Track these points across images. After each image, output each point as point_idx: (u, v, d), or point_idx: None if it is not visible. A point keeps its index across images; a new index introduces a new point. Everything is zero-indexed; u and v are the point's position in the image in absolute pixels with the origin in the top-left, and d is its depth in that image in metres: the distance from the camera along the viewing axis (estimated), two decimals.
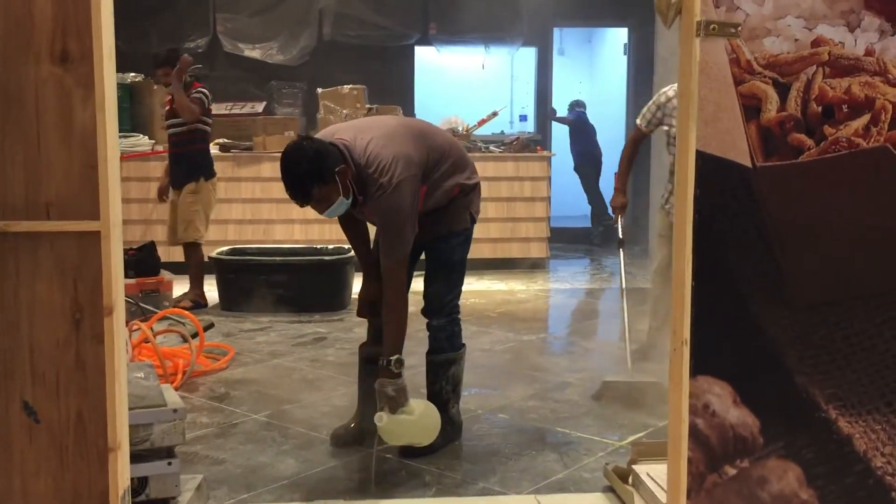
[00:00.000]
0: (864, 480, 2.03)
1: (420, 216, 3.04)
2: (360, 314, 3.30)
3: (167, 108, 5.72)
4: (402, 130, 3.08)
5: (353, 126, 3.14)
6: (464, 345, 3.36)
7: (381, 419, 2.90)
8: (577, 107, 9.76)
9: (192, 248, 5.77)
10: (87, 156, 1.88)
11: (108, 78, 1.87)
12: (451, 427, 3.27)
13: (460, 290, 3.32)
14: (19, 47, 1.85)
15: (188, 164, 5.68)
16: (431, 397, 3.22)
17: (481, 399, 3.88)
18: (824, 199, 1.99)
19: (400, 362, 2.93)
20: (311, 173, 2.85)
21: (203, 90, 5.61)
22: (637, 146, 4.32)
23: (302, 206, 2.96)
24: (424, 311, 3.26)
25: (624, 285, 4.16)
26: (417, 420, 2.98)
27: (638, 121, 4.21)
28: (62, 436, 1.94)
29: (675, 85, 4.17)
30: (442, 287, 3.24)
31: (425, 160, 3.03)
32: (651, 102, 4.21)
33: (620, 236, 4.31)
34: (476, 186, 3.28)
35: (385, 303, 3.02)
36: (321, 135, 3.11)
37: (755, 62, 1.94)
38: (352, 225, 3.26)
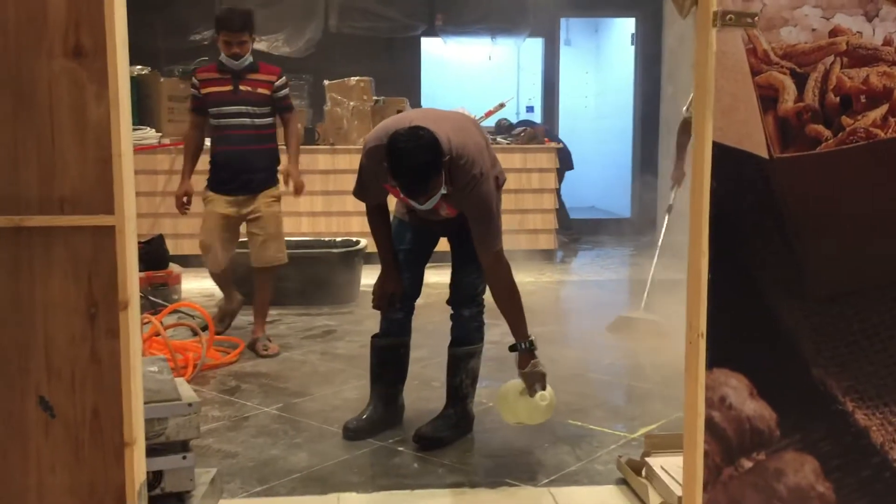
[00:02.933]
0: (881, 473, 2.02)
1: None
2: (375, 306, 3.29)
3: (215, 90, 4.41)
4: (463, 125, 3.07)
5: (421, 118, 2.97)
6: (484, 340, 3.37)
7: (545, 398, 2.97)
8: (528, 112, 9.58)
9: (273, 272, 4.72)
10: (100, 150, 1.88)
11: (122, 72, 1.87)
12: (464, 421, 3.28)
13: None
14: (33, 42, 1.85)
15: (271, 163, 4.54)
16: (451, 391, 3.24)
17: (492, 391, 3.87)
18: (842, 190, 1.97)
19: (534, 343, 3.03)
20: (433, 164, 2.77)
21: None
22: (686, 131, 4.84)
23: (416, 198, 2.85)
24: (453, 301, 3.27)
25: (660, 242, 5.05)
26: (551, 398, 3.01)
27: (685, 113, 4.92)
28: (78, 431, 1.94)
29: None
30: (473, 278, 3.24)
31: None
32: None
33: (671, 202, 5.14)
34: (503, 183, 3.27)
35: (501, 295, 3.04)
36: (378, 131, 3.01)
37: (772, 52, 1.93)
38: (382, 216, 3.23)
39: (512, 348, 3.07)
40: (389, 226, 3.28)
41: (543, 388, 2.99)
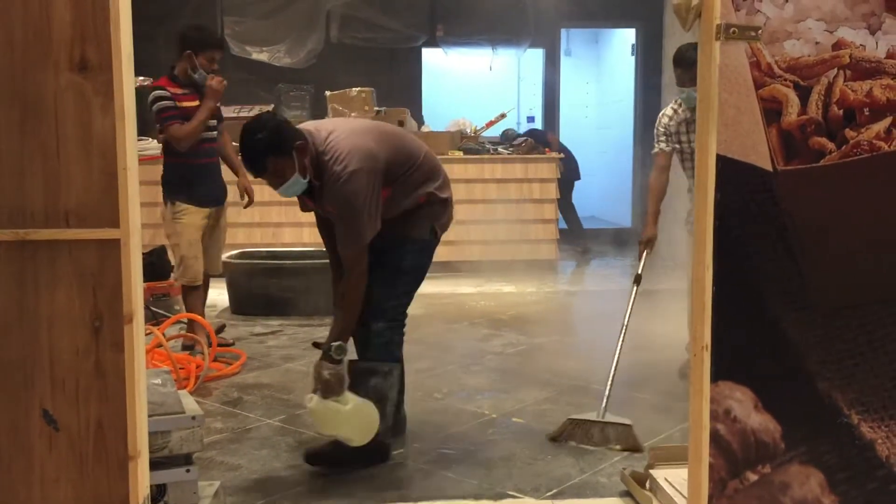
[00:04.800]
0: (887, 485, 2.02)
1: (383, 221, 3.04)
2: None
3: (189, 105, 4.47)
4: (367, 129, 3.13)
5: (320, 122, 3.21)
6: (399, 361, 3.20)
7: (311, 400, 2.94)
8: (529, 122, 9.58)
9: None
10: (106, 164, 1.88)
11: (127, 85, 1.87)
12: (373, 446, 3.06)
13: (407, 301, 3.24)
14: (38, 56, 1.85)
15: (220, 176, 4.72)
16: None
17: (494, 403, 3.87)
18: (846, 202, 1.98)
19: (341, 349, 2.97)
20: (268, 143, 2.90)
21: None
22: (665, 171, 4.14)
23: (256, 176, 3.02)
24: (364, 314, 3.13)
25: (626, 321, 3.71)
26: (348, 413, 2.96)
27: (655, 148, 4.16)
28: (82, 443, 1.94)
29: (669, 106, 4.19)
30: (384, 291, 3.14)
31: (388, 159, 3.03)
32: (657, 126, 4.19)
33: (639, 272, 3.93)
34: (446, 201, 3.24)
35: (343, 291, 3.05)
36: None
37: (776, 65, 1.93)
38: (328, 226, 3.23)
39: (316, 344, 3.10)
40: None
41: (327, 397, 2.94)
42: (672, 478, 2.63)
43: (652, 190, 4.15)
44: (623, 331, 3.67)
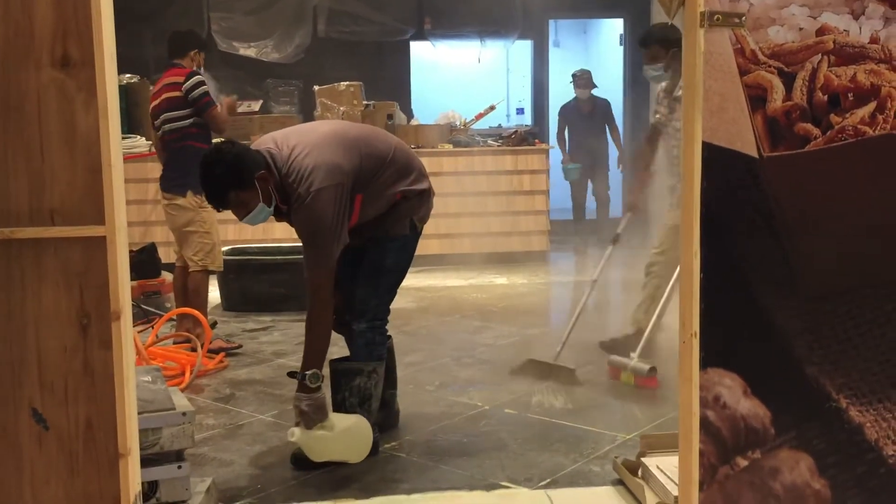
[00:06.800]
0: (876, 469, 2.03)
1: (360, 223, 3.01)
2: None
3: (163, 98, 4.62)
4: (331, 138, 3.00)
5: (284, 133, 3.08)
6: (382, 359, 3.18)
7: (293, 434, 2.87)
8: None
9: None
10: (90, 161, 1.87)
11: (110, 82, 1.86)
12: None
13: (389, 299, 3.21)
14: (20, 53, 1.84)
15: None
16: (335, 408, 3.08)
17: (487, 394, 3.88)
18: (832, 188, 1.98)
19: (316, 377, 2.88)
20: (228, 177, 2.84)
21: None
22: (653, 139, 4.38)
23: (219, 210, 2.97)
24: (347, 314, 3.15)
25: (596, 277, 4.27)
26: (338, 436, 2.92)
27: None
28: (72, 442, 1.93)
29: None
30: (366, 290, 3.12)
31: (356, 168, 2.96)
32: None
33: (619, 231, 4.37)
34: (423, 193, 3.17)
35: (308, 316, 2.94)
36: (256, 143, 3.07)
37: (760, 52, 1.93)
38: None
39: (291, 374, 3.01)
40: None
41: (311, 427, 2.88)
42: (663, 465, 2.64)
43: (641, 158, 4.52)
44: (592, 286, 4.25)
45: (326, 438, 2.91)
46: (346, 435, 2.96)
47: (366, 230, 3.08)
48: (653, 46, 4.24)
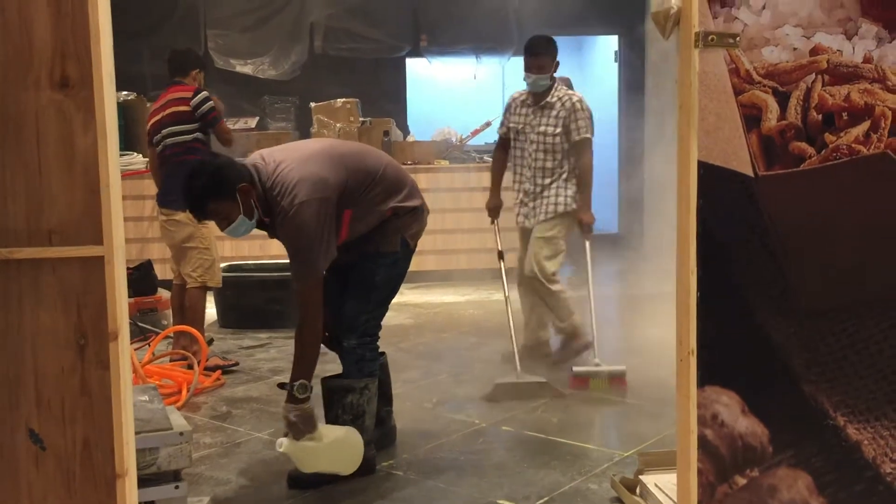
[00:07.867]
0: (874, 487, 2.03)
1: (350, 239, 3.02)
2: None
3: (169, 112, 4.67)
4: (318, 154, 3.02)
5: (273, 150, 3.11)
6: (374, 376, 3.17)
7: (281, 445, 2.86)
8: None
9: None
10: (88, 181, 1.87)
11: (109, 102, 1.87)
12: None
13: (380, 315, 3.21)
14: (19, 74, 1.84)
15: None
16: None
17: (484, 411, 3.87)
18: (827, 206, 1.99)
19: (304, 387, 2.88)
20: (208, 187, 2.88)
21: None
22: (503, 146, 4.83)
23: (199, 220, 3.02)
24: (337, 330, 3.16)
25: (506, 293, 4.47)
26: (327, 447, 2.91)
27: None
28: (69, 463, 1.92)
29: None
30: (356, 306, 3.13)
31: (342, 182, 2.96)
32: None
33: (500, 248, 4.63)
34: (415, 210, 3.18)
35: (297, 327, 2.96)
36: (249, 159, 3.08)
37: (754, 72, 1.95)
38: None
39: (280, 385, 3.03)
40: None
41: (299, 438, 2.88)
42: (662, 483, 2.64)
43: (494, 163, 4.95)
44: (507, 301, 4.42)
45: (315, 449, 2.90)
46: (335, 446, 2.95)
47: (357, 246, 3.09)
48: (543, 56, 4.42)
